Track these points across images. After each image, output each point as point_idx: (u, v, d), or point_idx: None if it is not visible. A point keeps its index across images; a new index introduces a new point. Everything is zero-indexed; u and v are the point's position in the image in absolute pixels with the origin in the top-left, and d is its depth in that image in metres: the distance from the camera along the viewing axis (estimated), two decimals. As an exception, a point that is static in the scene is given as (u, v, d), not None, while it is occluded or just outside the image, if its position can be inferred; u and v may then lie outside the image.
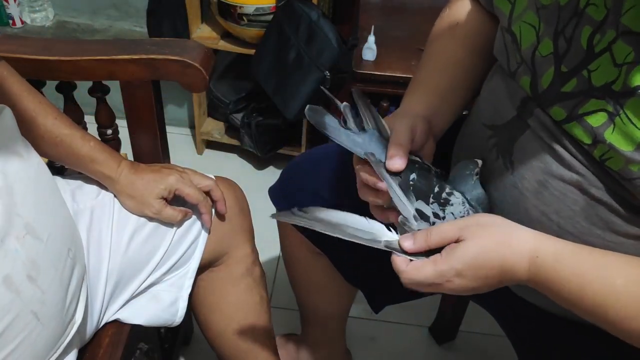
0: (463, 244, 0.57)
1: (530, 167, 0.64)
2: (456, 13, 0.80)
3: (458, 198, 0.65)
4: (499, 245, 0.57)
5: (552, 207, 0.63)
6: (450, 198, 0.64)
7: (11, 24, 1.75)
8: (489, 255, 0.56)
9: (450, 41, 0.79)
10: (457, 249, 0.57)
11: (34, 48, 0.87)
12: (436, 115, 0.73)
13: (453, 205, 0.64)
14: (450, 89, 0.76)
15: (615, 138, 0.54)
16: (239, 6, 1.49)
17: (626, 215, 0.59)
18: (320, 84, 1.41)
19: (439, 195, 0.64)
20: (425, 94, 0.75)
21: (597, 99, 0.55)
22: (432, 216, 0.63)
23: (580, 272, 0.55)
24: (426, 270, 0.58)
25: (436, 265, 0.57)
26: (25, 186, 0.62)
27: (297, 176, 0.91)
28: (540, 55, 0.60)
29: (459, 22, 0.79)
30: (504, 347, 0.91)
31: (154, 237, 0.82)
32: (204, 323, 1.01)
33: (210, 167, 1.26)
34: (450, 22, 0.80)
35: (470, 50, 0.78)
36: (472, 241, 0.57)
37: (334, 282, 0.99)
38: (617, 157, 0.54)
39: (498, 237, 0.57)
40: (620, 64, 0.53)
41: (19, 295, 0.58)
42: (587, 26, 0.55)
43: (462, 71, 0.77)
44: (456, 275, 0.57)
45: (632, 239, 0.60)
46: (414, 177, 0.64)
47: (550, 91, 0.60)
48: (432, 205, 0.64)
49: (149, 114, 0.93)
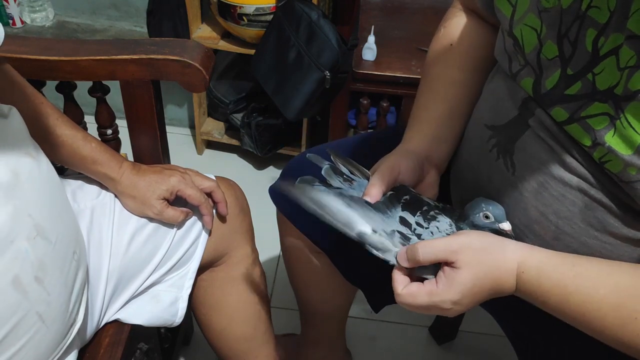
0: (459, 277, 0.57)
1: (531, 167, 0.64)
2: (451, 32, 0.80)
3: (446, 219, 0.65)
4: (491, 269, 0.58)
5: (551, 208, 0.63)
6: (437, 217, 0.65)
7: (11, 24, 1.75)
8: (483, 282, 0.58)
9: (447, 65, 0.79)
10: (454, 282, 0.58)
11: (34, 48, 0.87)
12: (437, 145, 0.74)
13: (440, 222, 0.64)
14: (448, 114, 0.77)
15: (615, 141, 0.54)
16: (239, 6, 1.49)
17: (623, 218, 0.59)
18: (321, 84, 1.41)
19: (426, 212, 0.65)
20: (421, 128, 0.76)
21: (600, 102, 0.55)
22: (414, 224, 0.63)
23: (563, 284, 0.56)
24: (421, 300, 0.59)
25: (431, 296, 0.58)
26: (37, 186, 0.61)
27: (298, 175, 0.91)
28: (546, 58, 0.60)
29: (453, 42, 0.79)
30: (504, 347, 0.91)
31: (154, 237, 0.82)
32: (204, 323, 1.01)
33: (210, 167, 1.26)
34: (445, 44, 0.80)
35: (468, 69, 0.78)
36: (467, 271, 0.57)
37: (333, 281, 0.99)
38: (616, 160, 0.54)
39: (490, 261, 0.58)
40: (622, 68, 0.53)
41: (26, 297, 0.58)
42: (591, 29, 0.55)
43: (463, 93, 0.78)
44: (452, 304, 0.58)
45: (628, 242, 0.61)
46: (407, 197, 0.66)
47: (553, 93, 0.60)
48: (417, 217, 0.64)
49: (149, 114, 0.93)
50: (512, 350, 0.85)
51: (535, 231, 0.65)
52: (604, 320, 0.55)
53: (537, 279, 0.57)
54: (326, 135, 1.61)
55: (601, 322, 0.55)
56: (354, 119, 1.63)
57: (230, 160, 1.90)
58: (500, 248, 0.59)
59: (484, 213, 0.63)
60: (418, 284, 0.60)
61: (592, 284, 0.56)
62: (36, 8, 1.76)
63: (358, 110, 1.54)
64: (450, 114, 0.77)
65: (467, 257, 0.57)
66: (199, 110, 1.81)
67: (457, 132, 0.78)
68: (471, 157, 0.73)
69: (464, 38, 0.79)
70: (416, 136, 0.75)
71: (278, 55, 1.48)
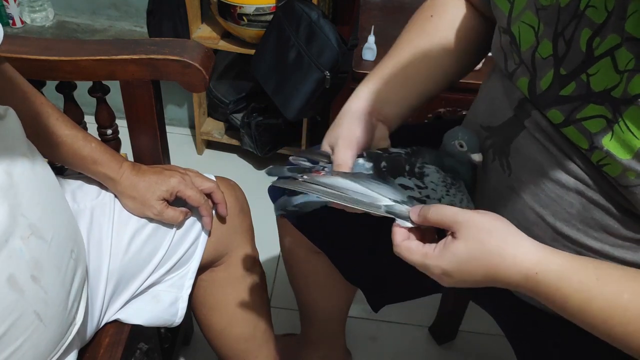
0: (454, 247, 0.56)
1: (527, 168, 0.63)
2: (435, 4, 0.79)
3: (430, 168, 0.65)
4: (491, 254, 0.56)
5: (548, 209, 0.63)
6: (423, 170, 0.65)
7: (11, 24, 1.75)
8: (478, 262, 0.56)
9: (419, 32, 0.78)
10: (448, 251, 0.57)
11: (34, 48, 0.87)
12: (384, 105, 0.73)
13: (429, 175, 0.65)
14: (403, 79, 0.75)
15: (613, 145, 0.53)
16: (239, 6, 1.49)
17: (622, 219, 0.59)
18: (321, 84, 1.41)
19: (412, 170, 0.65)
20: (371, 84, 0.75)
21: (596, 104, 0.54)
22: (415, 188, 0.64)
23: (586, 288, 0.54)
24: (415, 257, 0.59)
25: (425, 258, 0.58)
26: (31, 187, 0.62)
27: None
28: (540, 57, 0.60)
29: (433, 14, 0.78)
30: (504, 347, 0.91)
31: (154, 237, 0.82)
32: (204, 323, 1.01)
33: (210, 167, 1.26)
34: (426, 14, 0.79)
35: (438, 44, 0.76)
36: (463, 245, 0.56)
37: (333, 281, 0.99)
38: (615, 164, 0.54)
39: (492, 246, 0.56)
40: (622, 71, 0.52)
41: (22, 295, 0.58)
42: (587, 29, 0.54)
43: (423, 63, 0.76)
44: (442, 273, 0.57)
45: (628, 241, 0.60)
46: (384, 164, 0.66)
47: (548, 94, 0.59)
48: (412, 180, 0.64)
49: (149, 114, 0.93)
50: (512, 350, 0.85)
51: (533, 233, 0.65)
52: (627, 327, 0.53)
53: (556, 282, 0.55)
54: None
55: (624, 329, 0.53)
56: (354, 119, 1.63)
57: (230, 160, 1.90)
58: (512, 240, 0.56)
59: (459, 142, 0.65)
60: (418, 242, 0.60)
61: (616, 289, 0.54)
62: (36, 8, 1.76)
63: (358, 110, 1.54)
64: (405, 80, 0.76)
65: (469, 233, 0.56)
66: (199, 110, 1.81)
67: (408, 98, 0.76)
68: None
69: (446, 14, 0.78)
70: (364, 92, 0.74)
71: (278, 55, 1.48)
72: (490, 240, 0.56)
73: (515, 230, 0.57)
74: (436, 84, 0.78)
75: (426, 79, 0.77)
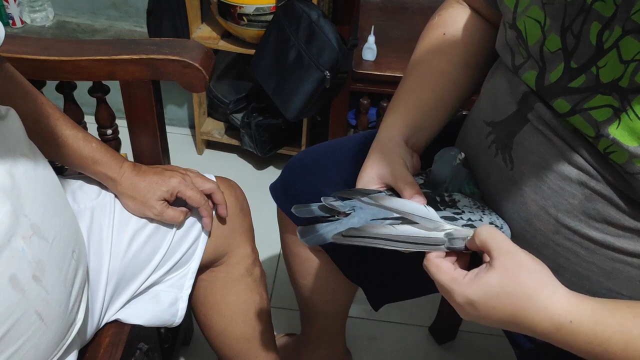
0: (487, 276, 0.55)
1: (529, 162, 0.64)
2: (445, 21, 0.80)
3: (457, 194, 0.66)
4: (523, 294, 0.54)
5: (550, 201, 0.63)
6: (453, 197, 0.66)
7: (11, 24, 1.75)
8: (508, 300, 0.54)
9: (438, 54, 0.79)
10: (479, 280, 0.55)
11: (34, 48, 0.87)
12: (417, 132, 0.74)
13: (460, 201, 0.66)
14: (434, 104, 0.76)
15: (620, 133, 0.54)
16: (239, 6, 1.49)
17: (625, 209, 0.59)
18: (321, 84, 1.41)
19: (443, 201, 0.65)
20: (405, 112, 0.75)
21: (604, 95, 0.55)
22: (456, 216, 0.63)
23: (626, 329, 0.53)
24: (442, 277, 0.58)
25: (452, 282, 0.57)
26: (33, 187, 0.62)
27: (299, 172, 0.91)
28: (548, 51, 0.60)
29: (446, 32, 0.79)
30: (504, 347, 0.91)
31: (154, 237, 0.82)
32: (204, 323, 1.01)
33: (210, 167, 1.26)
34: (438, 33, 0.80)
35: (459, 63, 0.78)
36: (498, 276, 0.54)
37: (333, 280, 0.99)
38: (621, 152, 0.54)
39: (526, 285, 0.54)
40: (626, 61, 0.53)
41: (24, 295, 0.58)
42: (596, 22, 0.55)
43: (451, 85, 0.77)
44: (467, 302, 0.56)
45: (630, 232, 0.60)
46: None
47: (556, 85, 0.60)
48: (446, 210, 0.64)
49: (149, 114, 0.93)
50: (512, 350, 0.85)
51: (535, 225, 0.65)
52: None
53: (593, 327, 0.54)
54: (326, 135, 1.61)
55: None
56: (354, 119, 1.63)
57: (230, 160, 1.91)
58: (544, 281, 0.55)
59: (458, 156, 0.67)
60: (450, 264, 0.59)
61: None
62: (36, 8, 1.76)
63: (358, 110, 1.54)
64: (436, 105, 0.76)
65: (508, 264, 0.55)
66: (199, 110, 1.81)
67: (439, 122, 0.77)
68: (469, 153, 0.73)
69: (457, 30, 0.78)
70: (400, 121, 0.74)
71: (278, 55, 1.48)
72: (527, 280, 0.54)
73: (553, 278, 0.56)
74: (460, 101, 0.79)
75: (453, 100, 0.78)
